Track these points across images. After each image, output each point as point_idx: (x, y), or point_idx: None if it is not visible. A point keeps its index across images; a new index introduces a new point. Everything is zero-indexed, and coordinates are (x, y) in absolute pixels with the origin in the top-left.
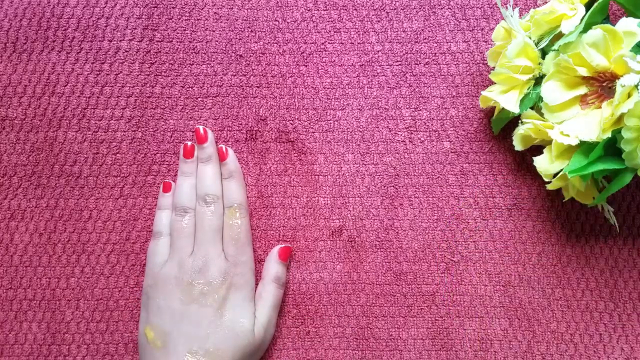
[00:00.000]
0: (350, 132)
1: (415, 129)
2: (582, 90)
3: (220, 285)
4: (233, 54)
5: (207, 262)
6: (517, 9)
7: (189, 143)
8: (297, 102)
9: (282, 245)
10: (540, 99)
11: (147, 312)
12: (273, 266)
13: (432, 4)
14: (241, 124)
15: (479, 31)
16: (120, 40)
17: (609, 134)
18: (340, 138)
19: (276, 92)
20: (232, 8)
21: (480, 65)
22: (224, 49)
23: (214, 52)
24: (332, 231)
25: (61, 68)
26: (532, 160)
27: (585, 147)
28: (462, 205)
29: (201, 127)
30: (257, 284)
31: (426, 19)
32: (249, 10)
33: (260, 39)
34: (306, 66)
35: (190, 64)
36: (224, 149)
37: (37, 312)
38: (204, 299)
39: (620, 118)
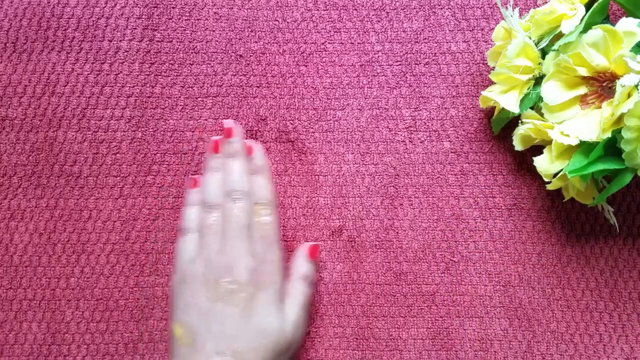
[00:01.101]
0: (350, 132)
1: (415, 129)
2: (582, 90)
3: (248, 283)
4: (233, 54)
5: (234, 259)
6: (517, 9)
7: (217, 137)
8: (297, 102)
9: (312, 244)
10: (540, 99)
11: (176, 309)
12: (302, 264)
13: (432, 4)
14: (241, 124)
15: (479, 31)
16: (120, 40)
17: (609, 134)
18: (340, 138)
19: (276, 92)
20: (232, 8)
21: (480, 65)
22: (224, 49)
23: (214, 52)
24: (332, 231)
25: (61, 68)
26: (532, 160)
27: (585, 147)
28: (462, 205)
29: (228, 121)
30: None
31: (426, 19)
32: (249, 10)
33: (260, 39)
34: (306, 66)
35: (190, 64)
36: (251, 144)
37: (37, 312)
38: (231, 297)
39: (620, 118)
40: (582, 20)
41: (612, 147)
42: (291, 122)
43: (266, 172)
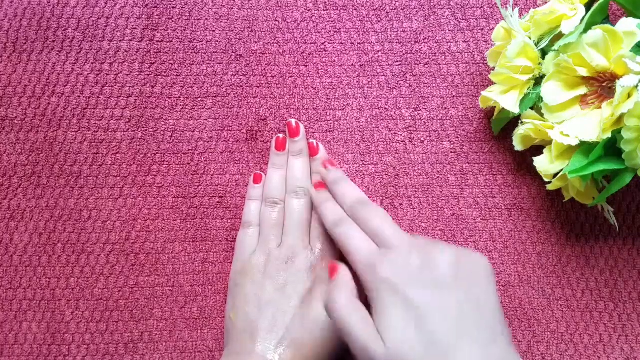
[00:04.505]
0: (350, 132)
1: (415, 129)
2: (582, 90)
3: (306, 277)
4: (233, 54)
5: (294, 254)
6: (517, 9)
7: (281, 135)
8: (297, 102)
9: None
10: (540, 99)
11: (234, 298)
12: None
13: (432, 4)
14: (241, 124)
15: (479, 31)
16: (120, 40)
17: (609, 134)
18: (340, 138)
19: (276, 92)
20: (232, 8)
21: (480, 65)
22: (224, 49)
23: (214, 52)
24: None
25: (61, 68)
26: (532, 160)
27: (585, 148)
28: (462, 205)
29: (293, 121)
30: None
31: (426, 19)
32: (249, 10)
33: (260, 39)
34: (306, 66)
35: (190, 64)
36: (315, 144)
37: (37, 312)
38: (289, 289)
39: (620, 118)
40: (582, 20)
41: (612, 147)
42: None
43: None
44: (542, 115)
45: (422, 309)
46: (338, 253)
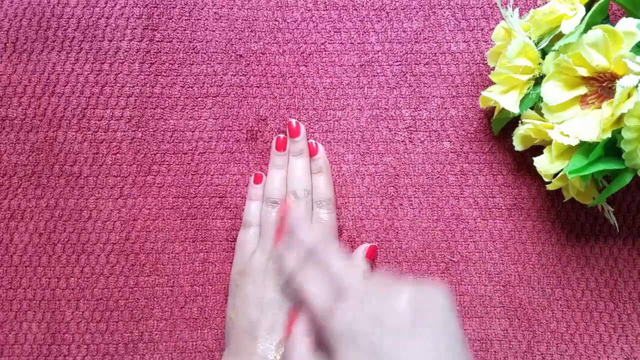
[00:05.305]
0: (350, 132)
1: (415, 129)
2: (582, 90)
3: None
4: (233, 54)
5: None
6: (517, 9)
7: (282, 136)
8: (297, 102)
9: (371, 245)
10: (540, 99)
11: (234, 299)
12: (360, 264)
13: (432, 4)
14: (241, 124)
15: (479, 31)
16: (120, 40)
17: (609, 134)
18: (340, 138)
19: (276, 92)
20: (232, 8)
21: (480, 65)
22: (224, 49)
23: (214, 52)
24: None
25: (61, 68)
26: (532, 160)
27: (585, 148)
28: (462, 205)
29: (294, 121)
30: None
31: (426, 19)
32: (249, 10)
33: (260, 39)
34: (306, 66)
35: (190, 64)
36: (314, 144)
37: (37, 312)
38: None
39: (620, 118)
40: (582, 20)
41: (612, 147)
42: None
43: (327, 172)
44: (542, 115)
45: (382, 358)
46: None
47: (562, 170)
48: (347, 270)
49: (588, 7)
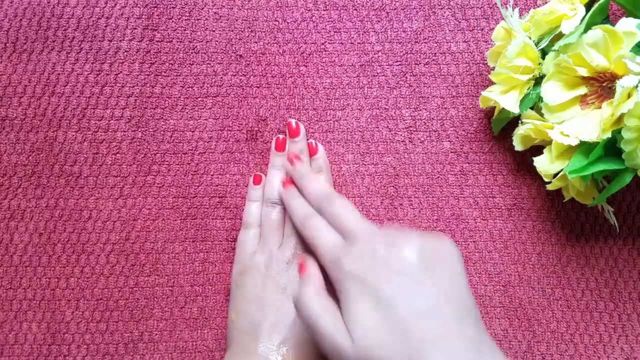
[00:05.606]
0: (350, 132)
1: (415, 129)
2: (582, 90)
3: None
4: (233, 54)
5: (295, 254)
6: (517, 9)
7: (281, 136)
8: (297, 102)
9: None
10: (540, 99)
11: (235, 299)
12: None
13: (432, 4)
14: (241, 124)
15: (479, 31)
16: (120, 40)
17: (609, 134)
18: (340, 138)
19: (276, 92)
20: (232, 8)
21: (480, 65)
22: (224, 49)
23: (214, 52)
24: None
25: (61, 68)
26: (532, 160)
27: (585, 148)
28: (462, 205)
29: (293, 121)
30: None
31: (426, 19)
32: (249, 10)
33: (260, 39)
34: (306, 66)
35: (190, 64)
36: (313, 144)
37: (37, 312)
38: (291, 290)
39: (620, 118)
40: (582, 20)
41: (612, 147)
42: None
43: (327, 171)
44: (542, 115)
45: (390, 301)
46: None
47: (562, 170)
48: (355, 221)
49: (588, 7)
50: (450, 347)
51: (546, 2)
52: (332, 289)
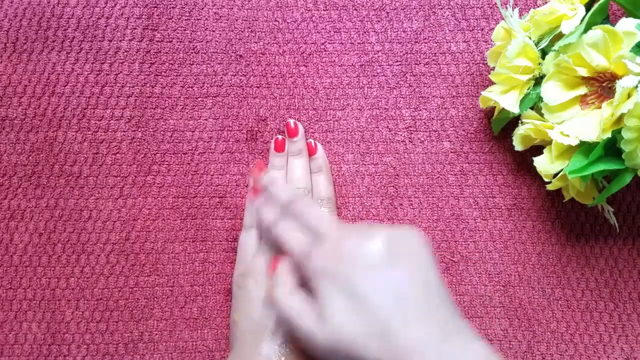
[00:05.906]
0: (350, 132)
1: (415, 129)
2: (582, 90)
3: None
4: (233, 54)
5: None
6: (517, 9)
7: (280, 137)
8: (297, 102)
9: None
10: (540, 99)
11: (237, 300)
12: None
13: (432, 4)
14: (241, 124)
15: (479, 31)
16: (120, 40)
17: (609, 134)
18: (340, 138)
19: (276, 92)
20: (232, 8)
21: (480, 65)
22: (224, 49)
23: (214, 52)
24: None
25: (61, 68)
26: (532, 160)
27: (585, 148)
28: (462, 205)
29: (292, 121)
30: None
31: (426, 19)
32: (249, 10)
33: (260, 39)
34: (306, 66)
35: (190, 64)
36: (313, 144)
37: (37, 312)
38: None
39: (620, 118)
40: (582, 20)
41: (612, 147)
42: None
43: (327, 171)
44: (542, 115)
45: (360, 291)
46: None
47: (562, 170)
48: (322, 219)
49: (588, 7)
50: (421, 329)
51: (546, 2)
52: (305, 286)
